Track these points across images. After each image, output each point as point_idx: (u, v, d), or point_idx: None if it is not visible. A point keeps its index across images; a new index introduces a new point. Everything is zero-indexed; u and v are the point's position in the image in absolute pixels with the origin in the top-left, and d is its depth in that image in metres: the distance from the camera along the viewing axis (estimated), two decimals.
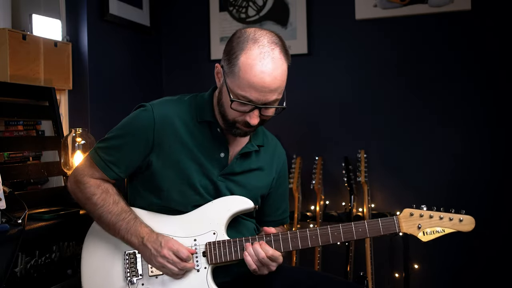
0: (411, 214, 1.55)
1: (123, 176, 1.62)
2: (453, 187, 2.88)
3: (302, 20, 3.09)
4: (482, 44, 2.83)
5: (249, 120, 1.48)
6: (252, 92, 1.44)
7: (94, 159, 1.61)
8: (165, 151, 1.57)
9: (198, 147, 1.59)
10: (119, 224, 1.54)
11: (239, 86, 1.45)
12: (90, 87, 2.64)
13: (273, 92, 1.46)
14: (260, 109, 1.48)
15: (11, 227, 1.56)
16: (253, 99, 1.45)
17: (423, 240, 1.53)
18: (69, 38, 2.59)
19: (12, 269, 1.56)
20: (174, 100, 1.64)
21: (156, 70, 3.32)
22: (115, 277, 1.56)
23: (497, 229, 2.80)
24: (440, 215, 1.55)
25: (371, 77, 3.01)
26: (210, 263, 1.53)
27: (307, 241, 1.53)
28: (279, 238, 1.53)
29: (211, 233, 1.56)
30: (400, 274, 2.89)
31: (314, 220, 2.93)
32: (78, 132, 2.12)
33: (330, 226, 1.54)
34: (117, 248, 1.58)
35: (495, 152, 2.83)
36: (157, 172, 1.58)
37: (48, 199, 2.03)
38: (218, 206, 1.58)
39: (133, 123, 1.59)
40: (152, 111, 1.57)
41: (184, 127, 1.58)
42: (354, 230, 1.52)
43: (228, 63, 1.48)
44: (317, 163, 2.94)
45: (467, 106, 2.87)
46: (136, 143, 1.57)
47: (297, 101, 3.14)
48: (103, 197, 1.57)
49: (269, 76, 1.43)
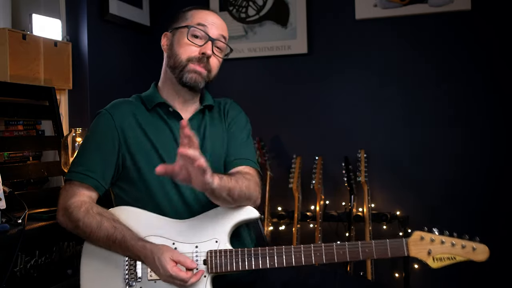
0: (421, 237, 1.46)
1: (102, 183, 1.59)
2: (453, 187, 2.89)
3: (302, 20, 3.09)
4: (482, 44, 2.84)
5: (205, 51, 1.61)
6: (206, 24, 1.63)
7: (70, 176, 1.60)
8: (131, 144, 1.61)
9: (158, 131, 1.63)
10: (113, 248, 1.53)
11: (193, 21, 1.65)
12: (90, 87, 2.64)
13: (221, 29, 1.66)
14: (213, 41, 1.62)
15: (11, 227, 1.56)
16: (208, 29, 1.63)
17: (432, 266, 1.45)
18: (69, 38, 2.59)
19: (12, 269, 1.56)
20: (123, 100, 1.73)
21: (156, 70, 3.30)
22: (114, 278, 1.54)
23: (497, 229, 2.80)
24: (452, 241, 1.45)
25: (371, 77, 3.01)
26: (210, 272, 1.50)
27: (310, 258, 1.49)
28: (282, 252, 1.50)
29: (214, 241, 1.52)
30: (400, 274, 2.89)
31: (314, 220, 2.93)
32: (78, 132, 2.12)
33: (336, 244, 1.48)
34: None
35: (496, 153, 2.83)
36: (131, 166, 1.60)
37: (48, 199, 2.03)
38: (223, 214, 1.55)
39: (96, 129, 1.66)
40: (108, 113, 1.66)
41: (140, 117, 1.65)
42: (361, 250, 1.47)
43: (176, 22, 1.70)
44: (317, 163, 2.94)
45: (467, 106, 2.87)
46: (104, 144, 1.61)
47: (297, 101, 3.14)
48: (87, 223, 1.52)
49: (217, 16, 1.69)
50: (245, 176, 1.59)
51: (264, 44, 3.13)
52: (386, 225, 2.93)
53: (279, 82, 3.17)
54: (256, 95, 3.17)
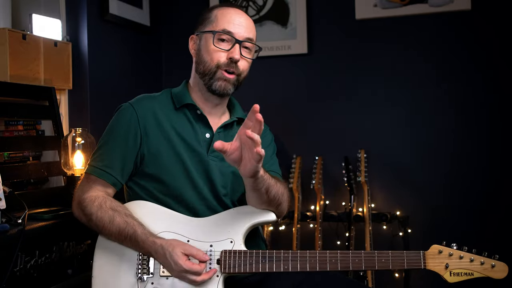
0: (440, 251, 1.46)
1: (120, 179, 1.61)
2: (453, 187, 2.89)
3: (302, 20, 3.09)
4: (482, 44, 2.83)
5: (232, 55, 1.58)
6: (231, 25, 1.59)
7: (89, 171, 1.62)
8: (152, 142, 1.60)
9: (182, 132, 1.62)
10: (125, 243, 1.53)
11: (218, 25, 1.60)
12: (90, 87, 2.64)
13: (248, 29, 1.62)
14: (240, 43, 1.59)
15: (11, 227, 1.56)
16: (234, 32, 1.59)
17: (449, 281, 1.43)
18: (69, 38, 2.59)
19: (12, 269, 1.56)
20: (148, 95, 1.71)
21: (156, 70, 3.31)
22: (126, 272, 1.53)
23: (497, 229, 2.80)
24: (471, 257, 1.45)
25: (371, 77, 3.01)
26: (223, 272, 1.48)
27: (325, 264, 1.47)
28: (297, 256, 1.48)
29: (229, 241, 1.51)
30: (400, 274, 2.89)
31: (314, 220, 2.93)
32: (78, 132, 2.12)
33: (352, 252, 1.48)
34: None
35: (495, 153, 2.83)
36: (150, 163, 1.60)
37: (48, 199, 2.03)
38: (239, 214, 1.55)
39: (118, 123, 1.63)
40: (132, 107, 1.63)
41: (165, 116, 1.63)
42: (377, 260, 1.45)
43: (202, 24, 1.66)
44: (317, 163, 2.94)
45: (467, 106, 2.87)
46: (125, 140, 1.60)
47: (297, 100, 3.14)
48: (100, 217, 1.53)
49: (243, 15, 1.63)
50: (283, 185, 1.60)
51: (264, 44, 3.13)
52: (386, 225, 2.93)
53: (279, 82, 3.17)
54: (256, 95, 3.16)
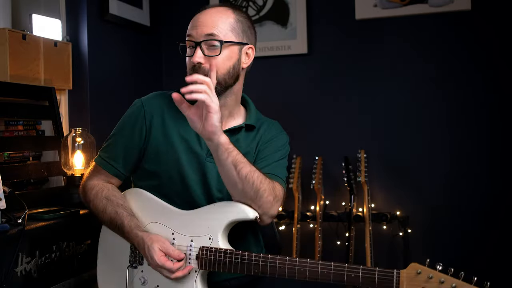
0: (418, 272, 1.27)
1: (122, 171, 1.66)
2: (453, 187, 2.89)
3: (302, 20, 3.09)
4: (482, 44, 2.83)
5: (192, 60, 1.57)
6: (191, 29, 1.60)
7: (96, 160, 1.70)
8: (154, 139, 1.63)
9: (185, 132, 1.62)
10: (116, 232, 1.61)
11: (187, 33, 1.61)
12: (90, 87, 2.64)
13: (208, 25, 1.56)
14: (199, 44, 1.56)
15: (11, 227, 1.56)
16: (192, 34, 1.58)
17: None
18: (69, 38, 2.59)
19: (12, 269, 1.56)
20: (161, 93, 1.73)
21: (156, 70, 3.31)
22: (123, 256, 1.62)
23: (497, 229, 2.80)
24: (453, 283, 1.25)
25: (371, 77, 3.01)
26: (201, 268, 1.51)
27: (294, 273, 1.42)
28: (267, 261, 1.45)
29: (207, 237, 1.53)
30: None
31: (314, 220, 2.93)
32: (78, 132, 2.12)
33: (321, 263, 1.39)
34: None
35: (495, 152, 2.83)
36: (150, 159, 1.63)
37: (48, 199, 2.03)
38: (218, 211, 1.54)
39: (127, 117, 1.69)
40: (141, 103, 1.67)
41: (172, 115, 1.64)
42: (346, 274, 1.35)
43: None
44: (317, 163, 2.95)
45: (467, 106, 2.87)
46: (131, 134, 1.64)
47: (296, 101, 3.14)
48: (95, 205, 1.63)
49: (204, 13, 1.60)
50: (270, 179, 1.53)
51: (264, 44, 3.13)
52: (386, 225, 2.93)
53: (279, 82, 3.17)
54: (255, 95, 3.16)
